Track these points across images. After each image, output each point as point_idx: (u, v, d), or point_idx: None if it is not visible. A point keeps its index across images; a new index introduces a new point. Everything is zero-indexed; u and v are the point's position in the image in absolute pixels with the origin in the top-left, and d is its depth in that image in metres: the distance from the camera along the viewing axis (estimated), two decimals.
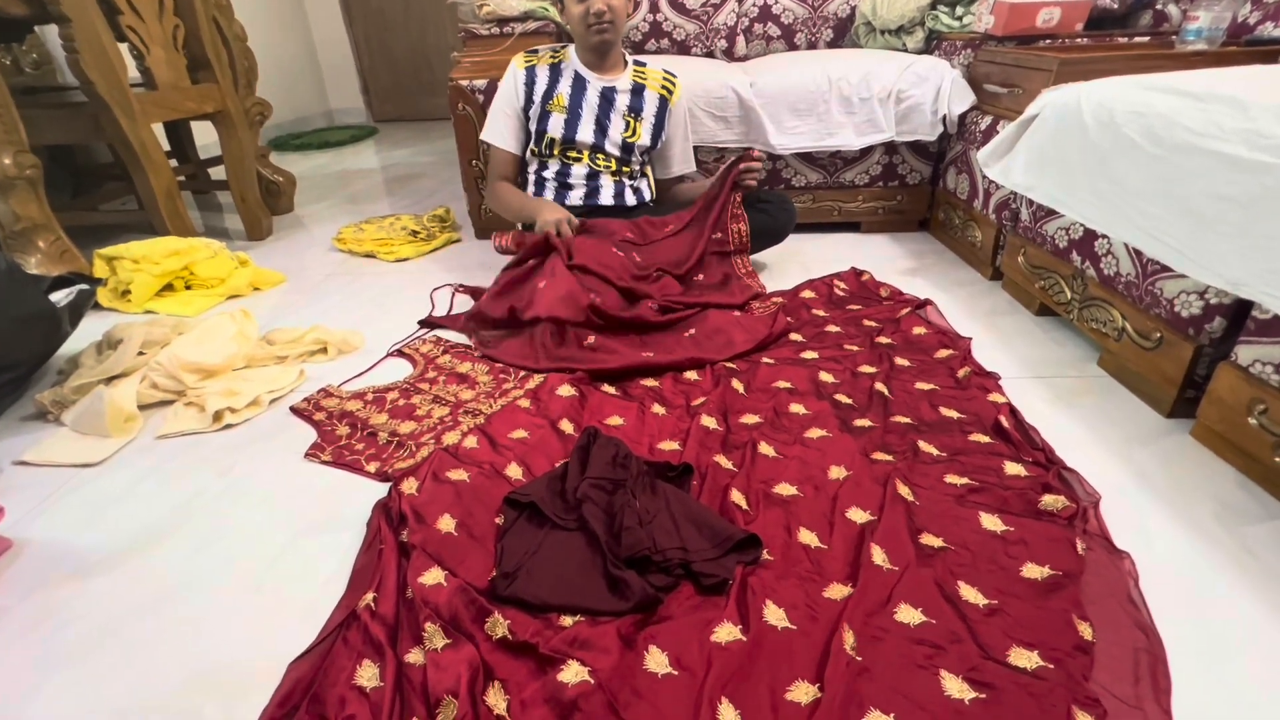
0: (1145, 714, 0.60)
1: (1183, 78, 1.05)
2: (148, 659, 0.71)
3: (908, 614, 0.69)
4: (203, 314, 1.54)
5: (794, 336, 1.34)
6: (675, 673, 0.64)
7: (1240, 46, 1.46)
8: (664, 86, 1.57)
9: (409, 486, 0.91)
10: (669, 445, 1.00)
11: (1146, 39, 1.67)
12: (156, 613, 0.77)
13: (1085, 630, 0.66)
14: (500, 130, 1.57)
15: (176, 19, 1.82)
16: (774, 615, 0.70)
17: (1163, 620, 0.70)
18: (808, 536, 0.81)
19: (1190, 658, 0.66)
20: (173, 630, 0.75)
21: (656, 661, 0.65)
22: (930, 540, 0.78)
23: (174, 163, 2.42)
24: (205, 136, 2.21)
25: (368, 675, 0.65)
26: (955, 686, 0.61)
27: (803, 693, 0.62)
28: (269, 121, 2.44)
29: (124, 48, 1.71)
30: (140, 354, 1.25)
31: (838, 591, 0.73)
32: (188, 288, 1.65)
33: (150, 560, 0.85)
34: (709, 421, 1.03)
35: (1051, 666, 0.63)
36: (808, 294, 1.54)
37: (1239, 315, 0.95)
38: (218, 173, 2.33)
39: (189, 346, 1.23)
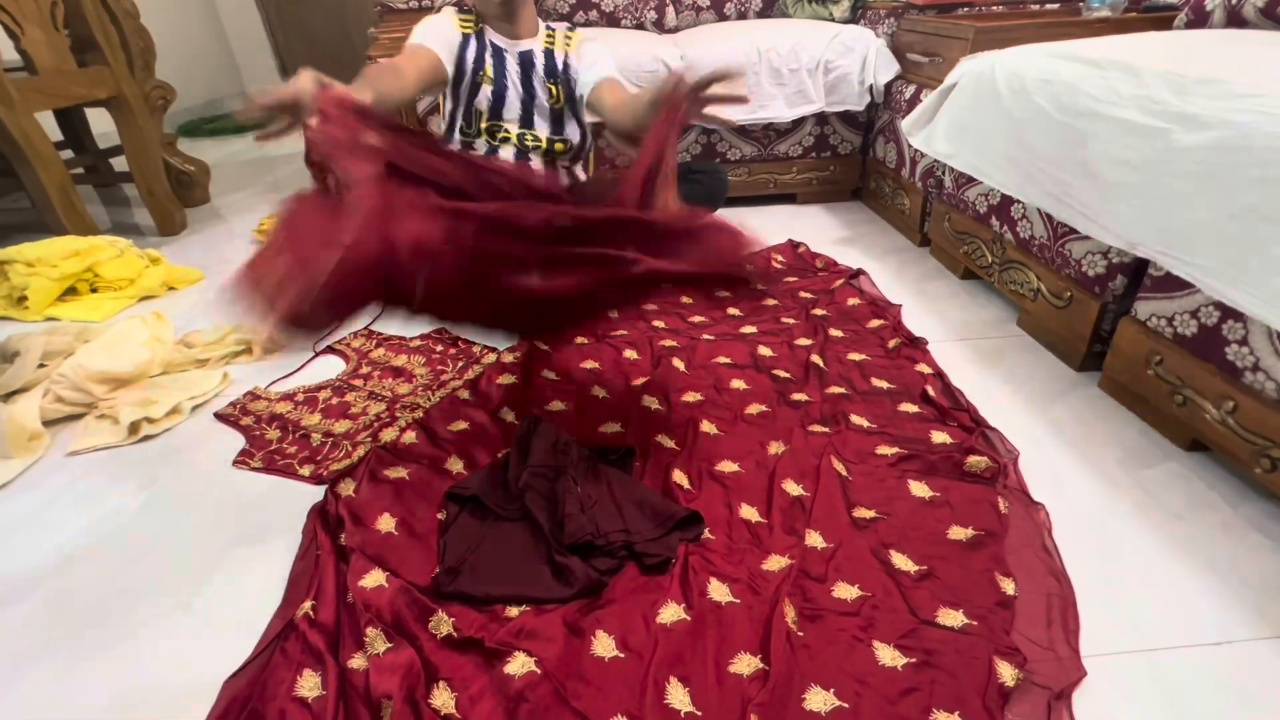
0: (1057, 654, 0.65)
1: (1087, 45, 1.09)
2: (73, 687, 0.68)
3: (844, 591, 0.72)
4: (111, 319, 1.44)
5: (732, 311, 1.36)
6: (622, 655, 0.65)
7: (1140, 13, 1.53)
8: (565, 41, 1.47)
9: (346, 488, 0.89)
10: (611, 428, 1.01)
11: (1056, 6, 1.73)
12: (80, 638, 0.73)
13: (1007, 585, 0.71)
14: (430, 36, 1.27)
15: None
16: (717, 591, 0.72)
17: (1073, 563, 0.75)
18: (748, 512, 0.83)
19: (1097, 596, 0.71)
20: (99, 655, 0.71)
21: (603, 646, 0.66)
22: (863, 513, 0.82)
23: (69, 154, 2.23)
24: (105, 124, 2.04)
25: (309, 685, 0.64)
26: (888, 655, 0.64)
27: (745, 664, 0.64)
28: (175, 106, 2.28)
29: None
30: (41, 366, 1.16)
31: (776, 563, 0.75)
32: (93, 290, 1.54)
33: (69, 584, 0.80)
34: (650, 402, 1.03)
35: (976, 623, 0.67)
36: None
37: (1138, 273, 1.01)
38: (121, 163, 2.16)
39: (96, 355, 1.15)
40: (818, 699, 0.61)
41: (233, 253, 1.83)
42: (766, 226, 1.83)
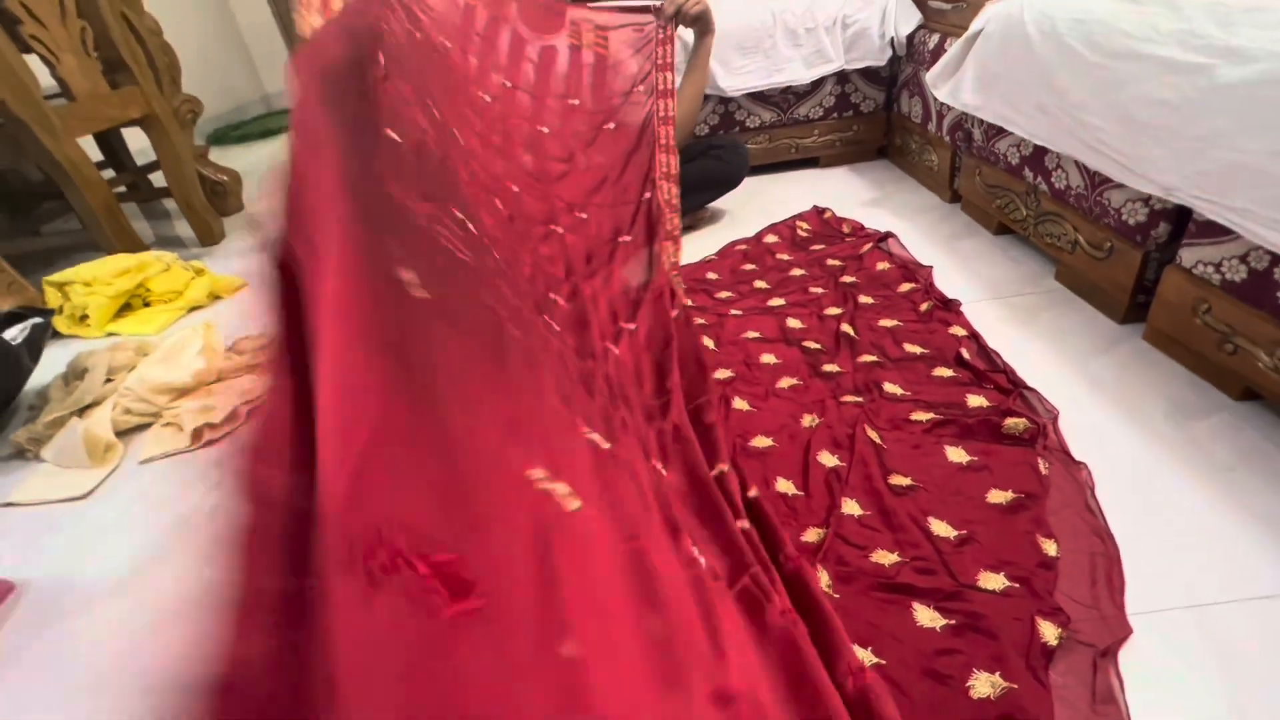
0: (1101, 613, 0.65)
1: None
2: (170, 678, 0.74)
3: (881, 556, 0.72)
4: (165, 330, 1.52)
5: (759, 284, 1.35)
6: None
7: None
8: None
9: None
10: None
11: None
12: (171, 631, 0.79)
13: (1049, 547, 0.71)
14: None
15: (82, 21, 1.71)
16: None
17: (1118, 520, 0.74)
18: (784, 486, 0.84)
19: (1143, 553, 0.71)
20: (191, 646, 0.77)
21: None
22: (899, 480, 0.82)
23: (110, 173, 2.32)
24: (141, 140, 2.12)
25: None
26: (927, 616, 0.65)
27: None
28: (204, 115, 2.34)
29: (32, 60, 1.62)
30: (109, 380, 1.24)
31: (814, 535, 0.76)
32: (145, 305, 1.62)
33: (155, 582, 0.87)
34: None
35: (1018, 585, 0.67)
36: (771, 238, 1.54)
37: (1182, 219, 0.97)
38: (159, 179, 2.24)
39: (156, 368, 1.22)
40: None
41: None
42: (790, 193, 1.80)
